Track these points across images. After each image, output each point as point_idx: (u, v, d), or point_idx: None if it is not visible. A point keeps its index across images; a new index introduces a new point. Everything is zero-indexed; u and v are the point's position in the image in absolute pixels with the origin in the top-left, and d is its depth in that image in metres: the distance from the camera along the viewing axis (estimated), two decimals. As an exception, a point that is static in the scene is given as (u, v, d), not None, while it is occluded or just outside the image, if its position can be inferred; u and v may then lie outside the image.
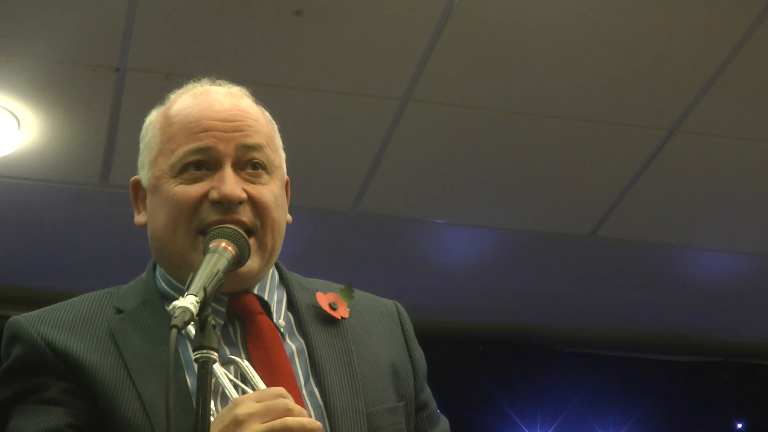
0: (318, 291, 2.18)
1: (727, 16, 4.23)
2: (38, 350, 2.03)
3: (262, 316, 2.09)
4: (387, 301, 2.28)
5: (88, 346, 2.03)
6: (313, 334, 2.11)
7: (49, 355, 2.02)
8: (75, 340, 2.03)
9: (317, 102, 4.60)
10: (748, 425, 6.55)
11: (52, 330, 2.04)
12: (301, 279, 2.23)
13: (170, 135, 2.10)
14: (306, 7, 4.14)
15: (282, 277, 2.20)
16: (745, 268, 5.87)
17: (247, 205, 2.05)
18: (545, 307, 6.28)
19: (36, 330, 2.05)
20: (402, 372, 2.16)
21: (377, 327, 2.20)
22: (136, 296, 2.13)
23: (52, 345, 2.03)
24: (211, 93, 2.14)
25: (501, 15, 4.22)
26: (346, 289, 2.20)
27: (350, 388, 2.07)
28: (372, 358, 2.13)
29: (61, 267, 5.74)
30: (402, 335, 2.23)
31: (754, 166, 5.07)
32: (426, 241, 5.63)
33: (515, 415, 6.31)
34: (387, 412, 2.09)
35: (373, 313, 2.23)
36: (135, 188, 2.19)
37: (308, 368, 2.08)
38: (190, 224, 2.04)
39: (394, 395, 2.13)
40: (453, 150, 4.94)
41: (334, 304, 2.16)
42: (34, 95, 4.53)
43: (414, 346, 2.23)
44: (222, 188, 2.03)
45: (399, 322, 2.25)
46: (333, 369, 2.08)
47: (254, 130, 2.10)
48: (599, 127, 4.82)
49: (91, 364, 2.00)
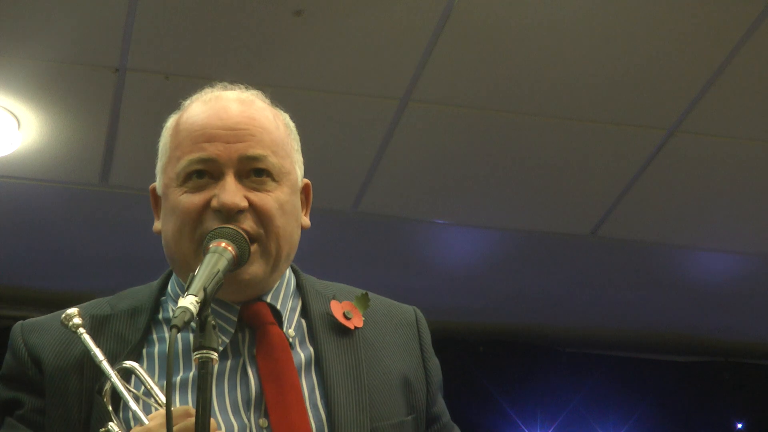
0: (333, 298, 2.17)
1: (727, 16, 4.23)
2: (21, 363, 2.07)
3: (273, 326, 2.08)
4: (406, 308, 2.26)
5: (61, 357, 2.05)
6: (323, 344, 2.10)
7: (30, 369, 2.06)
8: (52, 350, 2.06)
9: (317, 102, 4.60)
10: (748, 425, 6.55)
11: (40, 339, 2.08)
12: (318, 284, 2.22)
13: (177, 143, 2.10)
14: (306, 7, 4.14)
15: (299, 283, 2.19)
16: (745, 268, 5.87)
17: (249, 213, 2.04)
18: (545, 307, 6.28)
19: (25, 340, 2.08)
20: (414, 384, 2.14)
21: (392, 337, 2.18)
22: (130, 300, 2.14)
23: (36, 357, 2.06)
24: (220, 100, 2.12)
25: (501, 15, 4.22)
26: (362, 297, 2.18)
27: (356, 402, 2.05)
28: (383, 370, 2.11)
29: (61, 267, 5.74)
30: (419, 346, 2.20)
31: (754, 166, 5.07)
32: (426, 241, 5.63)
33: (515, 415, 6.31)
34: (392, 428, 2.07)
35: (389, 321, 2.20)
36: (154, 195, 2.17)
37: (314, 380, 2.07)
38: (194, 233, 2.04)
39: (404, 408, 2.11)
40: (453, 150, 4.94)
41: (348, 313, 2.15)
42: (34, 95, 4.53)
43: (429, 357, 2.21)
44: (222, 197, 2.02)
45: (417, 331, 2.22)
46: (341, 381, 2.06)
47: (258, 139, 2.08)
48: (599, 127, 4.82)
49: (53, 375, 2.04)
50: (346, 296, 2.19)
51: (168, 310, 2.12)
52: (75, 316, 2.01)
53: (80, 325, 2.01)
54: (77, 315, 2.01)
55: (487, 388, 6.31)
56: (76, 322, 2.01)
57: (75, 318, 2.01)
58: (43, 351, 2.06)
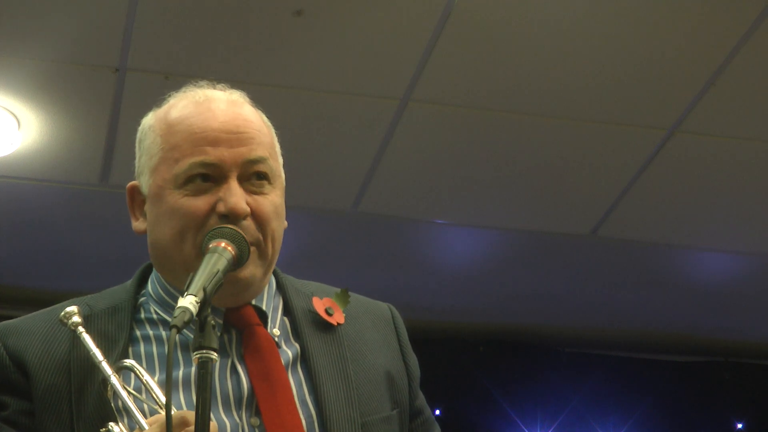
0: (314, 295, 2.18)
1: (727, 16, 4.24)
2: (3, 366, 2.04)
3: (260, 327, 2.08)
4: (382, 305, 2.28)
5: (45, 357, 2.04)
6: (308, 340, 2.11)
7: (12, 371, 2.03)
8: (35, 352, 2.04)
9: (317, 102, 4.60)
10: (748, 425, 6.55)
11: (20, 341, 2.06)
12: (297, 282, 2.22)
13: (173, 144, 2.08)
14: (306, 7, 4.14)
15: (278, 282, 2.20)
16: (745, 268, 5.87)
17: (250, 219, 2.04)
18: (545, 307, 6.28)
19: (4, 344, 2.06)
20: (397, 379, 2.16)
21: (372, 333, 2.19)
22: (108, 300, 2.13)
23: (17, 358, 2.04)
24: (212, 101, 2.11)
25: (501, 15, 4.22)
26: (342, 293, 2.20)
27: (345, 398, 2.06)
28: (367, 365, 2.13)
29: (61, 267, 5.74)
30: (397, 341, 2.22)
31: (754, 166, 5.08)
32: (426, 241, 5.63)
33: (515, 415, 6.31)
34: (381, 422, 2.09)
35: (367, 318, 2.21)
36: (132, 194, 2.16)
37: (301, 376, 2.08)
38: (197, 236, 2.03)
39: (388, 403, 2.12)
40: (453, 150, 4.94)
41: (330, 309, 2.16)
42: (34, 95, 4.53)
43: (408, 352, 2.23)
44: (229, 202, 2.02)
45: (394, 327, 2.24)
46: (328, 377, 2.07)
47: (258, 142, 2.08)
48: (599, 127, 4.82)
49: (39, 376, 2.02)
50: (324, 294, 2.20)
51: (150, 311, 2.12)
52: (75, 315, 2.01)
53: (80, 324, 2.00)
54: (77, 314, 2.01)
55: (487, 388, 6.31)
56: (76, 320, 2.00)
57: (75, 316, 2.00)
58: (26, 353, 2.04)
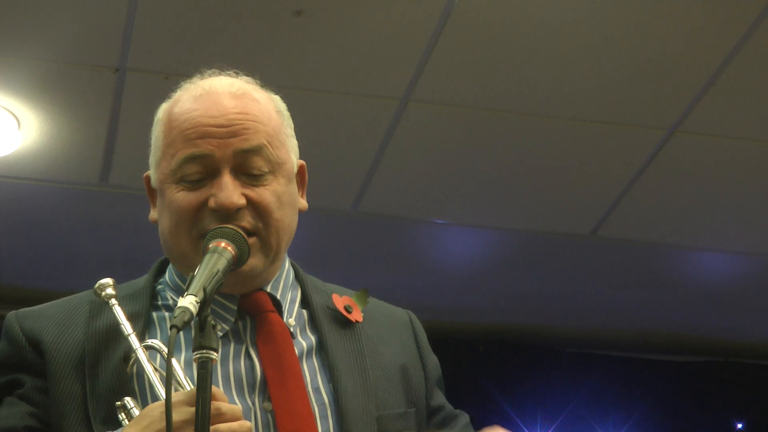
0: (333, 293, 2.19)
1: (727, 16, 4.23)
2: (19, 347, 2.07)
3: (273, 314, 2.09)
4: (400, 310, 2.28)
5: (60, 339, 2.06)
6: (326, 333, 2.12)
7: (28, 351, 2.06)
8: (50, 333, 2.07)
9: (317, 102, 4.60)
10: (748, 425, 6.55)
11: (36, 323, 2.09)
12: (318, 281, 2.23)
13: (171, 139, 2.09)
14: (306, 7, 4.14)
15: (297, 276, 2.21)
16: (745, 268, 5.87)
17: (247, 210, 2.04)
18: (545, 307, 6.28)
19: (21, 326, 2.09)
20: (414, 379, 2.16)
21: (389, 334, 2.20)
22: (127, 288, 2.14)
23: (33, 339, 2.07)
24: (211, 94, 2.11)
25: (501, 15, 4.22)
26: (361, 293, 2.21)
27: (362, 391, 2.07)
28: (384, 363, 2.13)
29: (61, 267, 5.73)
30: (414, 343, 2.23)
31: (754, 166, 5.07)
32: (426, 241, 5.63)
33: (515, 415, 6.30)
34: (397, 417, 2.09)
35: (386, 320, 2.23)
36: (148, 183, 2.17)
37: (316, 366, 2.08)
38: (191, 231, 2.04)
39: (404, 401, 2.13)
40: (453, 150, 4.94)
41: (349, 307, 2.17)
42: (34, 95, 4.53)
43: (426, 354, 2.23)
44: (219, 197, 2.02)
45: (412, 329, 2.25)
46: (346, 368, 2.08)
47: (253, 131, 2.07)
48: (599, 127, 4.82)
49: (53, 356, 2.04)
50: (344, 294, 2.21)
51: (166, 297, 2.14)
52: (109, 287, 2.02)
53: (113, 296, 2.01)
54: (111, 286, 2.02)
55: (487, 388, 6.31)
56: (109, 292, 2.01)
57: (108, 288, 2.02)
58: (42, 334, 2.06)
